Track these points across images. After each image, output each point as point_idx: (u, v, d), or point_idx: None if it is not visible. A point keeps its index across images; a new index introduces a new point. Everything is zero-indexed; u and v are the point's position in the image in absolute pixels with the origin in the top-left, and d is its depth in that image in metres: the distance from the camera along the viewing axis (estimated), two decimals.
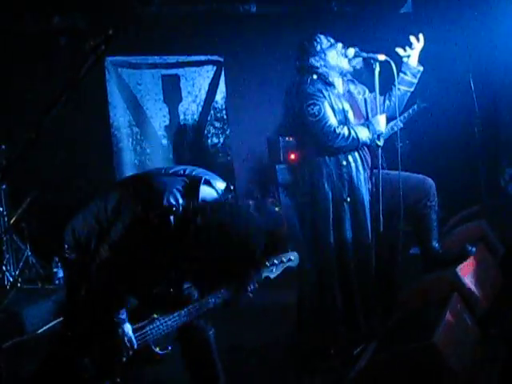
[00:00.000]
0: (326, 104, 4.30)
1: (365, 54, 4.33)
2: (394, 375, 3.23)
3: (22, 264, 6.24)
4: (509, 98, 7.10)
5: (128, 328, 3.08)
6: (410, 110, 5.58)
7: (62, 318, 3.35)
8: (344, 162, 4.34)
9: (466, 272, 4.16)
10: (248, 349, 4.69)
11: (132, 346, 3.09)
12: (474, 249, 4.51)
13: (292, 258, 3.69)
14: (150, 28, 7.21)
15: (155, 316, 3.21)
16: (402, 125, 5.38)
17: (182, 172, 3.19)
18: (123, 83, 7.45)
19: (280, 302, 5.52)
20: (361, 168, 4.38)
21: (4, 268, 6.09)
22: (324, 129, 4.25)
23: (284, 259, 3.65)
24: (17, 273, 6.17)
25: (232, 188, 3.20)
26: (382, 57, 4.19)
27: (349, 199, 4.33)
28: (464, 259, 4.35)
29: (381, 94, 4.33)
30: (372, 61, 4.24)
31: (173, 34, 7.41)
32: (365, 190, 4.38)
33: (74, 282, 3.27)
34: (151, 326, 3.19)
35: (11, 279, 6.09)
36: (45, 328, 5.20)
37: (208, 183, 3.10)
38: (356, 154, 4.39)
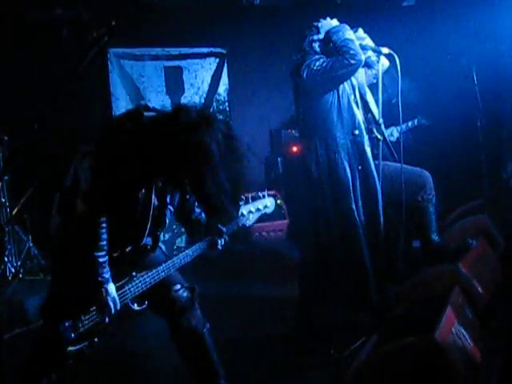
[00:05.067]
0: None
1: (368, 47, 4.33)
2: (395, 368, 3.23)
3: (23, 255, 6.26)
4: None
5: (112, 288, 3.07)
6: (410, 123, 5.57)
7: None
8: (356, 132, 4.37)
9: (468, 265, 4.15)
10: (247, 342, 4.69)
11: (115, 306, 3.08)
12: (474, 242, 4.52)
13: (268, 204, 3.67)
14: (153, 20, 7.20)
15: (134, 274, 3.20)
16: (398, 134, 5.40)
17: None
18: (126, 75, 7.44)
19: (279, 296, 5.54)
20: (367, 140, 4.45)
21: (6, 259, 6.10)
22: (339, 59, 4.24)
23: (260, 206, 3.64)
24: (19, 264, 6.18)
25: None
26: (385, 50, 4.20)
27: (360, 167, 4.37)
28: (465, 252, 4.36)
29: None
30: (376, 54, 4.24)
31: (176, 26, 7.40)
32: (372, 161, 4.41)
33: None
34: (130, 285, 3.18)
35: (13, 270, 6.10)
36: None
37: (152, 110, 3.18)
38: (364, 129, 4.45)
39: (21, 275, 6.08)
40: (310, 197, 4.55)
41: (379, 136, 4.41)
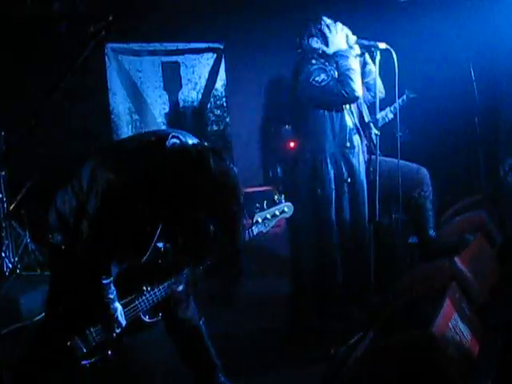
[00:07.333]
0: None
1: (366, 42, 4.34)
2: (392, 364, 3.24)
3: (21, 250, 6.24)
4: (509, 88, 7.08)
5: (117, 307, 3.08)
6: (400, 101, 5.59)
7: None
8: (348, 144, 4.38)
9: (465, 261, 4.16)
10: (245, 336, 4.70)
11: (120, 325, 3.09)
12: (472, 238, 4.53)
13: (286, 209, 3.66)
14: (150, 15, 7.17)
15: (144, 288, 3.21)
16: (392, 115, 5.43)
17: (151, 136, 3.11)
18: (123, 70, 7.42)
19: (276, 291, 5.54)
20: (361, 151, 4.45)
21: (3, 254, 6.09)
22: (337, 86, 4.32)
23: (277, 212, 3.62)
24: (16, 259, 6.16)
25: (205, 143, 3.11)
26: (382, 45, 4.20)
27: (349, 180, 4.38)
28: (462, 248, 4.36)
29: None
30: (373, 49, 4.24)
31: (173, 21, 7.37)
32: (363, 173, 4.43)
33: (58, 265, 3.26)
34: (140, 300, 3.19)
35: (10, 266, 6.09)
36: (43, 315, 5.20)
37: (176, 138, 3.02)
38: (357, 137, 4.45)
39: (18, 270, 6.07)
40: (298, 201, 4.57)
41: (377, 131, 4.42)
